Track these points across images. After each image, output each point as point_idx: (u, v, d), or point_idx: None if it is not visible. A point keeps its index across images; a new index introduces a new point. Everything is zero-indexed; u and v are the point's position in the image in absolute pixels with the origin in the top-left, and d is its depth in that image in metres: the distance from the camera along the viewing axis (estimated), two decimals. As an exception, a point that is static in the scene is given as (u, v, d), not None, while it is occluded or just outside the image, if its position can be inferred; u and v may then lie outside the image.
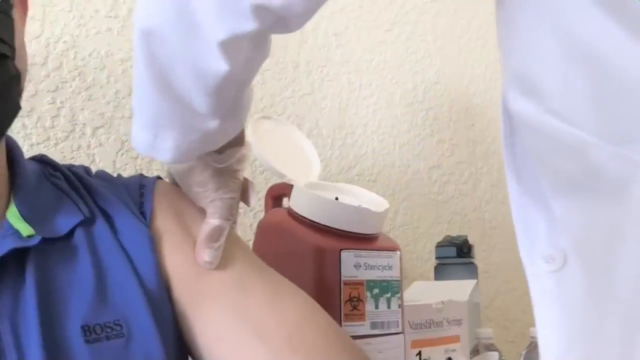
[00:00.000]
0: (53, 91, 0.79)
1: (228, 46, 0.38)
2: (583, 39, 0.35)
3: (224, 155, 0.51)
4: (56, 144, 0.78)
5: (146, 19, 0.38)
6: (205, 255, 0.48)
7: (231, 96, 0.43)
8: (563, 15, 0.35)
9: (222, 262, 0.49)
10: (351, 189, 0.71)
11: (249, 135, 0.66)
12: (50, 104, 0.79)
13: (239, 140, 0.52)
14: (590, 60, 0.35)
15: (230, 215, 0.51)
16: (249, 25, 0.36)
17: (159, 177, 0.54)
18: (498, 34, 0.40)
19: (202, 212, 0.52)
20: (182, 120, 0.44)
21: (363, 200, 0.68)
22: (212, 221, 0.50)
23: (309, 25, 1.06)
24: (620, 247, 0.35)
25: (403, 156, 1.14)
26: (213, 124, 0.44)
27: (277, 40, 1.02)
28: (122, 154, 0.83)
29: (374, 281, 0.66)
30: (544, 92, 0.36)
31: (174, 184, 0.55)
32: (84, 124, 0.81)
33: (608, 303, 0.35)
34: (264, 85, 0.99)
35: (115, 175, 0.55)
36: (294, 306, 0.49)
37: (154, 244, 0.48)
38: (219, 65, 0.38)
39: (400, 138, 1.14)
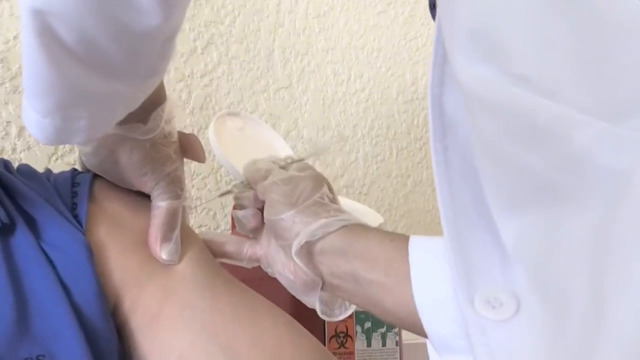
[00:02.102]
0: (-30, 82, 0.79)
1: None
2: None
3: (150, 123, 0.51)
4: (-27, 147, 0.79)
5: None
6: (164, 251, 0.49)
7: (158, 51, 0.44)
8: None
9: (184, 264, 0.50)
10: (342, 202, 0.70)
11: (211, 136, 0.66)
12: (-35, 97, 0.79)
13: (158, 97, 0.51)
14: (574, 1, 0.30)
15: (180, 190, 0.52)
16: None
17: (96, 173, 0.54)
18: None
19: (147, 202, 0.52)
20: (96, 92, 0.44)
21: (352, 214, 0.68)
22: (162, 204, 0.51)
23: (286, 5, 1.09)
24: (609, 269, 0.29)
25: (401, 164, 1.14)
26: (134, 85, 0.45)
27: (247, 22, 1.04)
28: (57, 159, 0.83)
29: (365, 312, 0.65)
30: (509, 50, 0.31)
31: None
32: (8, 122, 0.80)
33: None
34: (231, 77, 0.99)
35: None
36: (273, 325, 0.49)
37: (92, 254, 0.47)
38: (152, 20, 0.39)
39: (397, 142, 1.14)
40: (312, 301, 0.50)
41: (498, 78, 0.32)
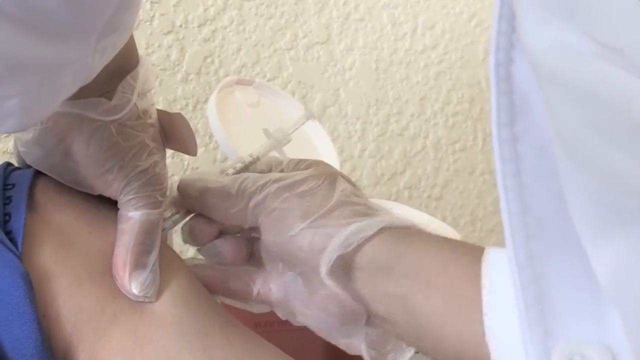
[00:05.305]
0: None
1: None
2: None
3: (116, 97, 0.52)
4: None
5: None
6: (135, 282, 0.50)
7: (114, 3, 0.45)
8: None
9: (165, 301, 0.51)
10: (395, 211, 0.69)
11: (212, 114, 0.67)
12: None
13: (127, 60, 0.53)
14: None
15: (161, 195, 0.53)
16: None
17: (38, 170, 0.54)
18: None
19: (112, 212, 0.53)
20: (30, 60, 0.45)
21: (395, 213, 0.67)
22: (134, 215, 0.52)
23: None
24: None
25: (490, 155, 1.14)
26: (85, 47, 0.46)
27: (268, -51, 1.05)
28: (-10, 146, 0.85)
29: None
30: (599, 10, 0.32)
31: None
32: None
33: None
34: (243, 27, 0.99)
35: None
36: None
37: (32, 287, 0.47)
38: None
39: (485, 122, 1.15)
40: (356, 344, 0.51)
41: (584, 47, 0.32)
